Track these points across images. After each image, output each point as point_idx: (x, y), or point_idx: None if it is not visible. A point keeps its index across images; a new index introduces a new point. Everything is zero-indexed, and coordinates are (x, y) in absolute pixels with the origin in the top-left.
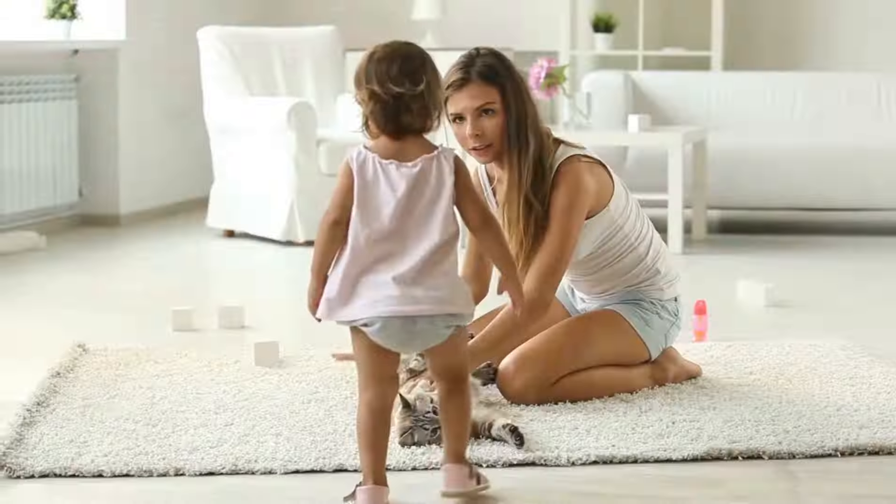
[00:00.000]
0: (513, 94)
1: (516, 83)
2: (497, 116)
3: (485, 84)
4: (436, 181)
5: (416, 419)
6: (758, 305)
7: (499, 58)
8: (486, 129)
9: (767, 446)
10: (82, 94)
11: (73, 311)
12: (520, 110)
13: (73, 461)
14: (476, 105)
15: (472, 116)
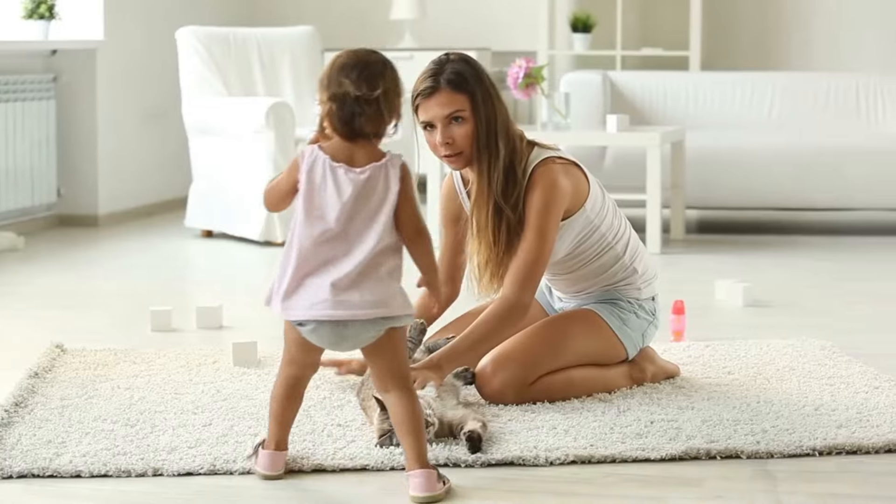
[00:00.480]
0: (482, 101)
1: (486, 89)
2: (467, 124)
3: (454, 92)
4: (382, 189)
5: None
6: (736, 305)
7: (469, 64)
8: (456, 137)
9: (745, 446)
10: (60, 95)
11: (52, 312)
12: (489, 117)
13: (52, 462)
14: (445, 113)
15: (442, 124)
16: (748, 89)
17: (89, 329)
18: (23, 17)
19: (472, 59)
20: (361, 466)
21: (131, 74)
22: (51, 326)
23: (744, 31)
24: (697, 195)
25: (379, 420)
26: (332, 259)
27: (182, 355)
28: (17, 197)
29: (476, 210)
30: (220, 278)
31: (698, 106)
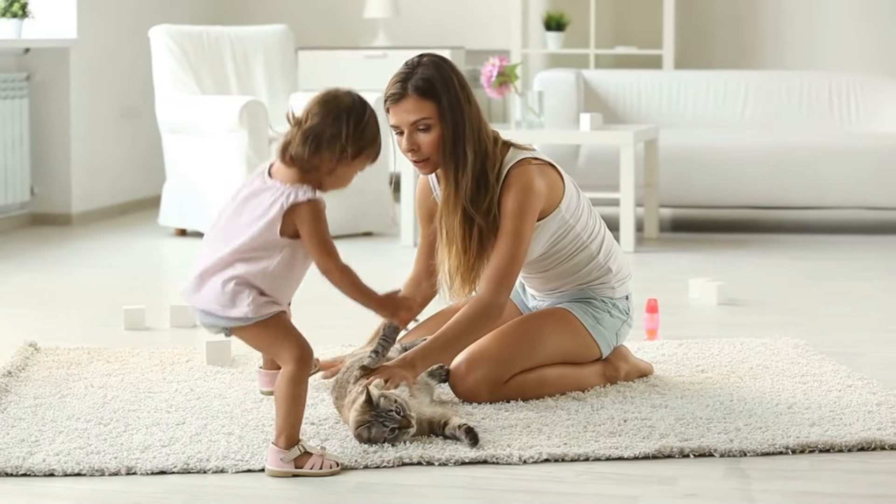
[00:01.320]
0: (449, 108)
1: (455, 96)
2: (433, 131)
3: (420, 99)
4: (263, 209)
5: (377, 415)
6: (709, 304)
7: (439, 69)
8: (421, 144)
9: (719, 444)
10: (34, 93)
11: (25, 311)
12: (457, 124)
13: (25, 460)
14: (411, 120)
15: (408, 131)
16: (721, 88)
17: (63, 328)
18: None
19: (445, 62)
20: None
21: (104, 73)
22: (24, 325)
23: (717, 29)
24: (671, 194)
25: (360, 411)
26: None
27: (155, 354)
28: None
29: (444, 217)
30: None
31: (672, 105)
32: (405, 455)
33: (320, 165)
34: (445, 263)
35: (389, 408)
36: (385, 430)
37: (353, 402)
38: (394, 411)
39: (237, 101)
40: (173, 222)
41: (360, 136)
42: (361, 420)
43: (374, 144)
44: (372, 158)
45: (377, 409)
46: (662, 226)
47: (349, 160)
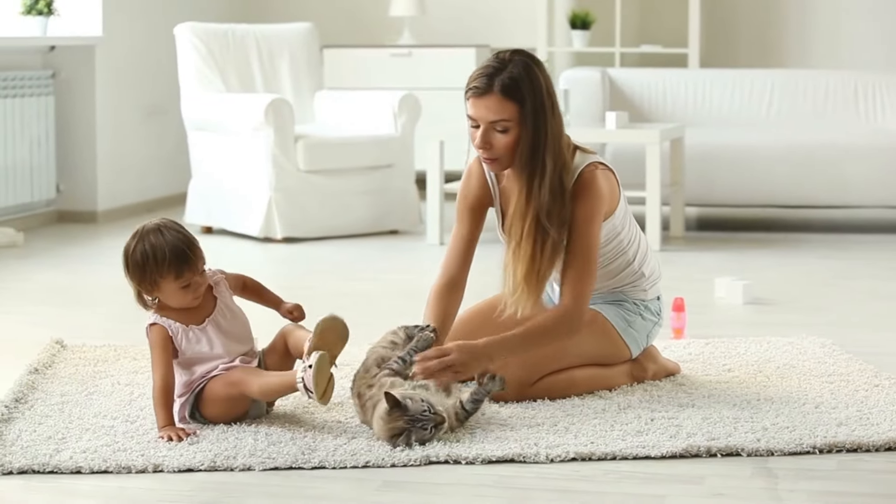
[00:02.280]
0: (532, 113)
1: (540, 101)
2: (510, 133)
3: (504, 99)
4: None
5: (412, 420)
6: (736, 303)
7: (528, 71)
8: (495, 144)
9: (746, 443)
10: (59, 91)
11: (51, 308)
12: (538, 131)
13: (52, 458)
14: (490, 118)
15: (485, 128)
16: (747, 87)
17: (89, 325)
18: (21, 13)
19: (537, 64)
20: (363, 463)
21: (130, 71)
22: (50, 323)
23: (743, 28)
24: (697, 192)
25: (389, 419)
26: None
27: None
28: (16, 193)
29: (514, 225)
30: None
31: (697, 103)
32: (432, 453)
33: (149, 307)
34: (514, 272)
35: (421, 408)
36: (425, 432)
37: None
38: (426, 410)
39: (262, 99)
40: (199, 220)
41: (141, 282)
42: (396, 428)
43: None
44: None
45: (408, 413)
46: (688, 224)
47: (154, 296)
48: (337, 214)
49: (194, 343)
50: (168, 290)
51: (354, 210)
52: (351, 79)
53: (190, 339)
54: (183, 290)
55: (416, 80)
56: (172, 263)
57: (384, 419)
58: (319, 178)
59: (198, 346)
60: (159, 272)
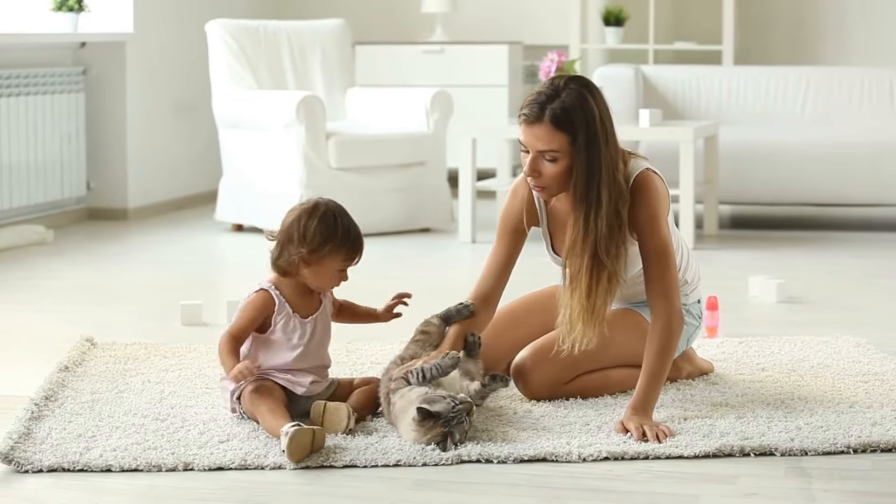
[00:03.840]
0: (584, 147)
1: (593, 133)
2: (559, 164)
3: (555, 129)
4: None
5: (446, 422)
6: (770, 301)
7: (583, 101)
8: (544, 172)
9: (779, 443)
10: (90, 87)
11: (81, 306)
12: (591, 164)
13: (82, 456)
14: (539, 147)
15: (534, 155)
16: (782, 84)
17: (119, 323)
18: (52, 9)
19: (592, 92)
20: (395, 462)
21: (161, 67)
22: (80, 320)
23: (777, 25)
24: (731, 190)
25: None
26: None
27: (213, 349)
28: (47, 190)
29: (572, 259)
30: (251, 272)
31: (731, 100)
32: (464, 452)
33: (290, 270)
34: (568, 308)
35: (449, 406)
36: (462, 426)
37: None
38: (454, 406)
39: (294, 96)
40: (230, 217)
41: (313, 242)
42: (436, 436)
43: (332, 247)
44: (341, 256)
45: (441, 417)
46: (722, 223)
47: (312, 262)
48: (368, 212)
49: (289, 330)
50: (327, 268)
51: (386, 208)
52: (383, 75)
53: (287, 325)
54: (339, 274)
55: (449, 77)
56: (354, 245)
57: (419, 431)
58: (351, 176)
59: (288, 335)
60: (339, 246)
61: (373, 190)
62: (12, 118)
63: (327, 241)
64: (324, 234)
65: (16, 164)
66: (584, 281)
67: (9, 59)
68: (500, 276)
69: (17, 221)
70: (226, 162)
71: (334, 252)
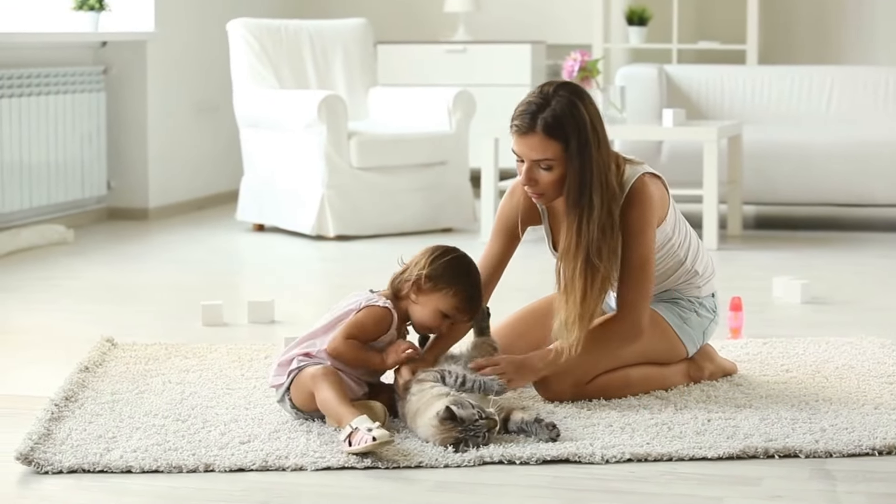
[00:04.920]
0: (577, 153)
1: (584, 138)
2: (555, 171)
3: (547, 138)
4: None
5: (465, 429)
6: (793, 302)
7: (573, 108)
8: (540, 181)
9: (804, 445)
10: (111, 87)
11: (102, 306)
12: (583, 170)
13: (102, 457)
14: (533, 157)
15: (528, 165)
16: (806, 83)
17: (140, 323)
18: (73, 8)
19: (582, 98)
20: (416, 464)
21: (182, 66)
22: (101, 320)
23: (802, 24)
24: (755, 190)
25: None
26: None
27: (234, 350)
28: (67, 190)
29: (565, 263)
30: (272, 273)
31: (755, 100)
32: (486, 454)
33: (402, 289)
34: (562, 313)
35: (473, 416)
36: (478, 440)
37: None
38: (478, 419)
39: (316, 96)
40: (251, 217)
41: (435, 271)
42: (450, 438)
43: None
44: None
45: (462, 422)
46: (746, 223)
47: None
48: (390, 212)
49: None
50: (434, 304)
51: (408, 208)
52: (405, 75)
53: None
54: (441, 318)
55: (471, 77)
56: (471, 299)
57: (437, 428)
58: (373, 176)
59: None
60: (458, 290)
61: (394, 190)
62: (33, 118)
63: (449, 278)
64: (450, 272)
65: (36, 164)
66: (578, 285)
67: (30, 58)
68: (491, 275)
69: (38, 221)
70: (247, 161)
71: (450, 292)
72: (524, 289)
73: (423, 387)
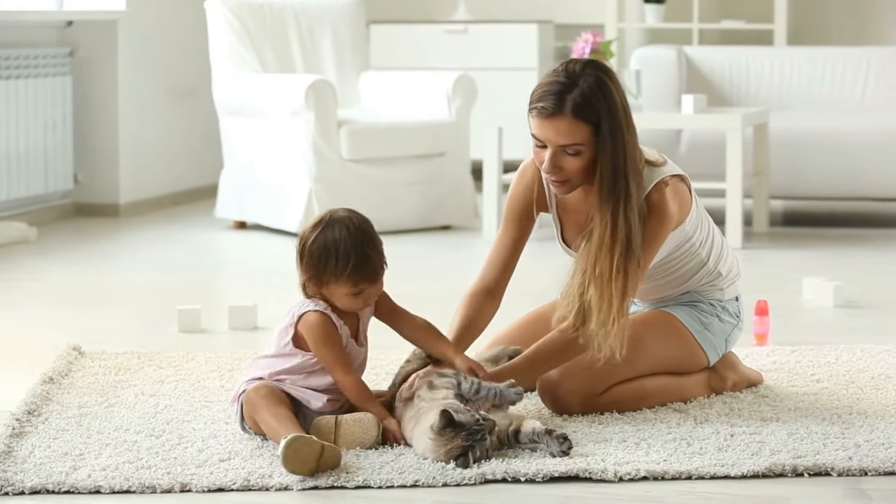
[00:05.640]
0: (609, 136)
1: (616, 120)
2: (582, 157)
3: (577, 121)
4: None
5: (470, 434)
6: (826, 306)
7: (603, 87)
8: (566, 167)
9: (836, 462)
10: (77, 70)
11: (68, 311)
12: (616, 154)
13: (68, 476)
14: (560, 143)
15: (553, 151)
16: (840, 66)
17: (110, 330)
18: None
19: (610, 76)
20: (412, 482)
21: (156, 49)
22: (67, 327)
23: (834, 1)
24: (783, 184)
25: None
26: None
27: (213, 359)
28: (30, 183)
29: (601, 258)
30: (255, 274)
31: (784, 85)
32: (488, 471)
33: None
34: (597, 315)
35: (473, 418)
36: (485, 443)
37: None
38: (479, 419)
39: (303, 81)
40: (232, 214)
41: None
42: (454, 449)
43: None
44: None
45: (463, 427)
46: (773, 219)
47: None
48: (383, 208)
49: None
50: (338, 293)
51: (403, 203)
52: (400, 58)
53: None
54: (353, 297)
55: (473, 60)
56: (354, 270)
57: (437, 441)
58: (364, 168)
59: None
60: (335, 274)
61: (388, 183)
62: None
63: (318, 271)
64: (313, 263)
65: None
66: (618, 283)
67: None
68: (505, 266)
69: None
70: (227, 153)
71: (333, 280)
72: (530, 293)
73: (434, 395)
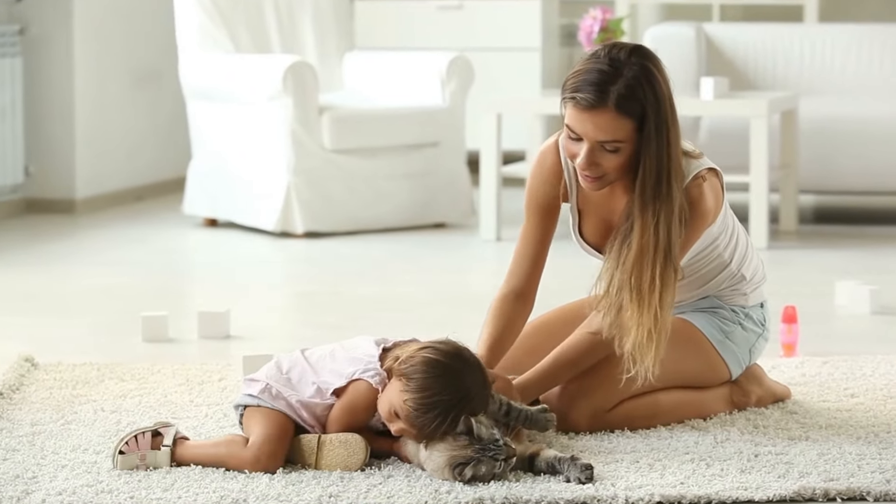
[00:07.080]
0: (654, 132)
1: (663, 114)
2: (621, 154)
3: (620, 116)
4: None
5: (483, 448)
6: (861, 312)
7: (650, 78)
8: (603, 164)
9: (872, 485)
10: (28, 50)
11: (19, 318)
12: (662, 153)
13: (19, 501)
14: (599, 138)
15: (591, 146)
16: (877, 46)
17: (66, 339)
18: None
19: (657, 65)
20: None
21: (116, 27)
22: (18, 335)
23: None
24: (813, 177)
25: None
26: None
27: (181, 371)
28: None
29: (637, 271)
30: (227, 277)
31: (815, 67)
32: (486, 495)
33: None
34: (635, 331)
35: (493, 437)
36: (495, 464)
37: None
38: (498, 440)
39: (280, 62)
40: (201, 210)
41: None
42: (460, 457)
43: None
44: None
45: (479, 440)
46: (802, 216)
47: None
48: (370, 204)
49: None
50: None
51: (392, 198)
52: (388, 37)
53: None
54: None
55: (469, 39)
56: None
57: (448, 442)
58: (349, 159)
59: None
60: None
61: (376, 176)
62: None
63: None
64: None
65: None
66: (659, 295)
67: None
68: (534, 264)
69: None
70: (196, 142)
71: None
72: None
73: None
